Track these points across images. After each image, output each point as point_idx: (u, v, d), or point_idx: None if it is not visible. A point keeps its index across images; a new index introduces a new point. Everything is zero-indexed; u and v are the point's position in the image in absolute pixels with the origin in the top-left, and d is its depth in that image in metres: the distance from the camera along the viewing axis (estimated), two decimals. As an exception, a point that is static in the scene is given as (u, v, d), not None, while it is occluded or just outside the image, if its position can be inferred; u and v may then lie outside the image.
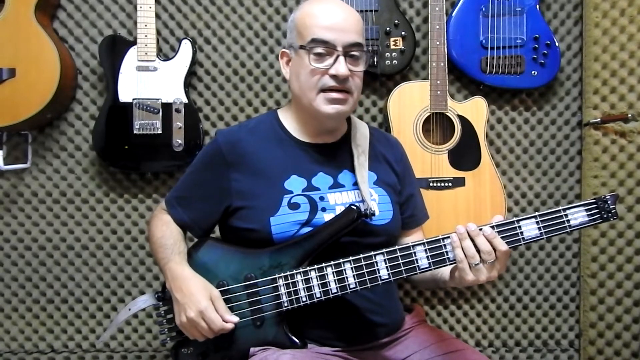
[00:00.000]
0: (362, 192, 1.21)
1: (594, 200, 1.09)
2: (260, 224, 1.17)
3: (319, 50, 1.16)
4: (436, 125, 1.68)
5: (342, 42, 1.16)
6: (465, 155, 1.66)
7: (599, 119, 1.72)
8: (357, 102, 1.26)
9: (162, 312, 1.23)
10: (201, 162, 1.28)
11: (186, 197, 1.27)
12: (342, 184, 1.24)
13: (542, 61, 1.70)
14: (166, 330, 1.22)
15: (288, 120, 1.28)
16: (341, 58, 1.15)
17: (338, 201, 1.21)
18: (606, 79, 1.72)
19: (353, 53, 1.18)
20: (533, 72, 1.70)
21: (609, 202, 1.08)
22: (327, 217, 1.18)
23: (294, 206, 1.18)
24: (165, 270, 1.20)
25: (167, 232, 1.24)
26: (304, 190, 1.20)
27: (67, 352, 1.80)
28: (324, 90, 1.17)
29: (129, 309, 1.31)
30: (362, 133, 1.31)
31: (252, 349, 1.18)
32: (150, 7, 1.66)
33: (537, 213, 1.09)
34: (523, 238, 1.08)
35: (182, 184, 1.31)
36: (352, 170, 1.25)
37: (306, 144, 1.25)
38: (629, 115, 1.70)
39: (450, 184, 1.65)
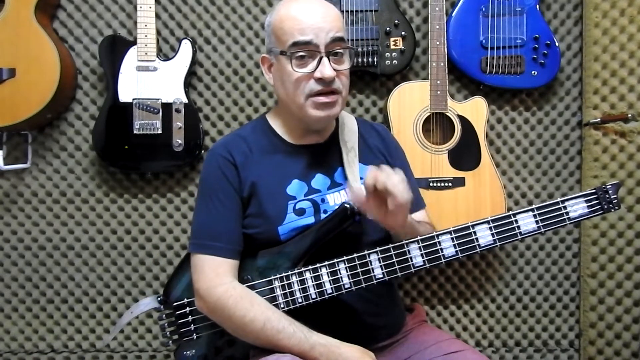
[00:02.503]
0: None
1: (593, 190, 1.06)
2: (268, 233, 1.16)
3: (301, 54, 1.12)
4: (436, 125, 1.68)
5: (324, 41, 1.12)
6: (465, 155, 1.66)
7: (599, 119, 1.72)
8: (346, 100, 1.23)
9: (164, 315, 1.23)
10: (212, 179, 1.20)
11: (216, 226, 1.16)
12: (340, 183, 1.23)
13: (542, 61, 1.70)
14: (168, 333, 1.22)
15: (278, 124, 1.26)
16: (324, 59, 1.11)
17: (337, 201, 1.21)
18: (606, 79, 1.72)
19: (336, 51, 1.14)
20: (533, 72, 1.70)
21: (609, 191, 1.05)
22: None
23: (300, 212, 1.17)
24: (313, 355, 1.06)
25: (268, 313, 1.09)
26: (306, 195, 1.19)
27: (67, 352, 1.80)
28: (312, 95, 1.14)
29: (131, 312, 1.31)
30: (350, 128, 1.29)
31: (251, 350, 1.18)
32: (150, 7, 1.66)
33: (534, 206, 1.06)
34: (520, 232, 1.06)
35: (203, 216, 1.19)
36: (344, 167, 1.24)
37: (299, 147, 1.24)
38: (629, 115, 1.70)
39: (450, 184, 1.64)
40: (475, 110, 1.68)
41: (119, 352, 1.80)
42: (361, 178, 1.23)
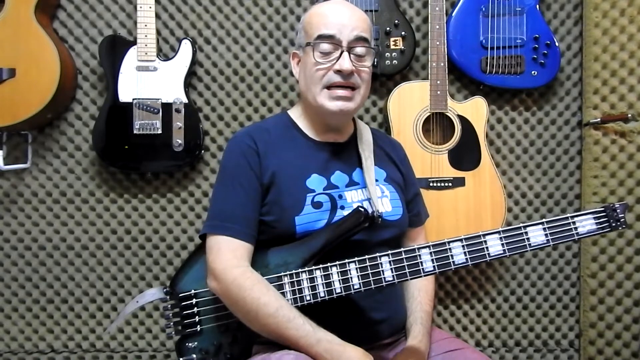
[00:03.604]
0: (371, 193, 1.22)
1: (602, 209, 1.09)
2: (285, 222, 1.17)
3: (324, 46, 1.18)
4: (436, 125, 1.68)
5: (347, 38, 1.18)
6: (465, 155, 1.66)
7: (599, 119, 1.72)
8: (365, 99, 1.26)
9: (169, 305, 1.23)
10: (234, 164, 1.21)
11: (235, 209, 1.17)
12: (357, 182, 1.26)
13: (542, 61, 1.70)
14: (172, 324, 1.22)
15: (299, 119, 1.30)
16: (345, 54, 1.17)
17: (354, 199, 1.23)
18: (606, 79, 1.72)
19: (358, 50, 1.20)
20: (533, 72, 1.70)
21: (618, 210, 1.09)
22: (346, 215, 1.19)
23: (317, 205, 1.19)
24: (317, 350, 1.06)
25: (282, 301, 1.10)
26: (325, 189, 1.21)
27: (67, 352, 1.80)
28: (329, 87, 1.19)
29: (137, 301, 1.31)
30: (366, 137, 1.33)
31: (254, 347, 1.18)
32: (150, 7, 1.66)
33: (544, 220, 1.09)
34: (529, 244, 1.09)
35: (222, 199, 1.20)
36: (362, 169, 1.27)
37: (320, 143, 1.27)
38: (629, 115, 1.70)
39: (450, 184, 1.65)
40: (475, 110, 1.68)
41: (119, 352, 1.80)
42: (376, 180, 1.27)
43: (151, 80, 1.66)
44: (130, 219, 1.78)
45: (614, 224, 1.08)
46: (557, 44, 1.71)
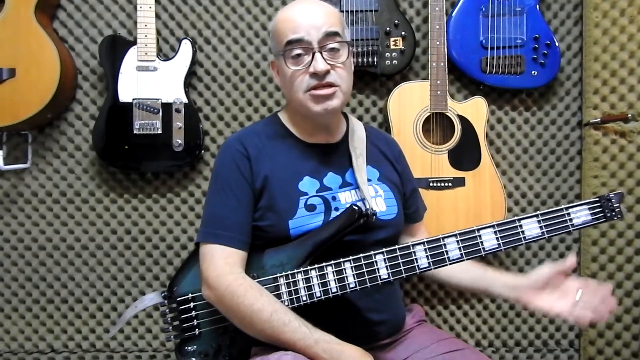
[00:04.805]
0: (363, 193, 1.21)
1: (597, 199, 1.08)
2: (278, 227, 1.17)
3: (295, 51, 1.16)
4: (436, 125, 1.68)
5: (316, 37, 1.15)
6: (465, 155, 1.66)
7: (599, 119, 1.72)
8: (349, 94, 1.24)
9: (167, 310, 1.23)
10: (225, 170, 1.21)
11: (228, 217, 1.17)
12: (351, 183, 1.25)
13: (542, 61, 1.70)
14: (170, 328, 1.22)
15: (289, 122, 1.29)
16: (317, 55, 1.15)
17: (348, 199, 1.22)
18: (606, 79, 1.72)
19: (331, 46, 1.16)
20: (533, 72, 1.70)
21: (612, 200, 1.07)
22: None
23: (311, 208, 1.18)
24: (316, 351, 1.05)
25: (276, 305, 1.09)
26: (318, 191, 1.20)
27: (67, 352, 1.80)
28: (309, 89, 1.17)
29: (136, 306, 1.31)
30: (358, 135, 1.31)
31: (253, 348, 1.18)
32: (150, 7, 1.66)
33: (538, 212, 1.08)
34: (524, 237, 1.08)
35: (214, 206, 1.20)
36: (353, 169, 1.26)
37: (312, 145, 1.26)
38: (629, 115, 1.70)
39: (450, 184, 1.65)
40: (475, 110, 1.68)
41: (119, 352, 1.80)
42: (369, 180, 1.26)
43: (151, 80, 1.66)
44: (130, 219, 1.78)
45: (609, 214, 1.07)
46: (557, 44, 1.71)
